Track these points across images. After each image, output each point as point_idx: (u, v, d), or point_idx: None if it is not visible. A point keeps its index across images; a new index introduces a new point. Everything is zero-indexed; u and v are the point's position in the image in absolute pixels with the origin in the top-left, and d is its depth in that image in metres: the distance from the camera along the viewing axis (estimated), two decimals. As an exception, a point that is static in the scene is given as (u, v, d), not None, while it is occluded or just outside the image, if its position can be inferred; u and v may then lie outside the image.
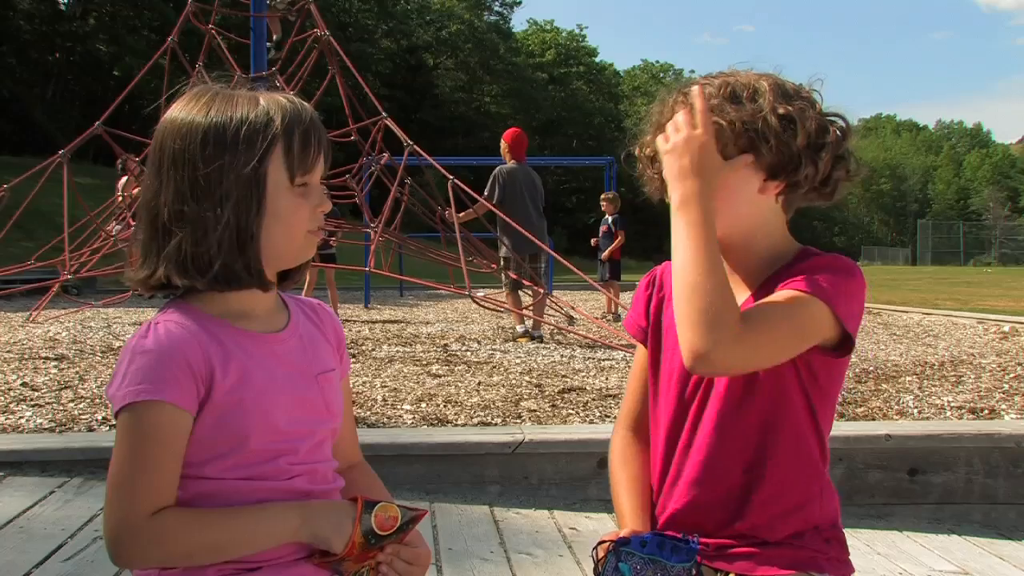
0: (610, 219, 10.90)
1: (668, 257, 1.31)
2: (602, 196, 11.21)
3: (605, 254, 10.81)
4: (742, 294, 1.30)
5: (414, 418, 3.85)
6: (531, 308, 7.55)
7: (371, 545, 1.15)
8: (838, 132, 1.28)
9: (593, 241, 11.24)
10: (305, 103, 1.18)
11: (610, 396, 4.41)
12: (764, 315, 1.19)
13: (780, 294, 1.22)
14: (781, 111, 1.24)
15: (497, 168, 7.67)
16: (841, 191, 1.31)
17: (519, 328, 7.32)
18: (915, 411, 4.12)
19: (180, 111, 1.15)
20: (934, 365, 5.81)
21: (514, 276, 7.48)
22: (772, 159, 1.25)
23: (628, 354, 5.89)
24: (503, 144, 7.82)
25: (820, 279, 1.22)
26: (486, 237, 9.74)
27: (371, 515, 1.16)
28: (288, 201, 1.15)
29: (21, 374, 4.94)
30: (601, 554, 1.23)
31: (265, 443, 1.15)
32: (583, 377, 5.12)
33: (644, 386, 1.44)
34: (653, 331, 1.41)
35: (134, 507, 1.06)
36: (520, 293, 7.66)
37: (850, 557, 1.34)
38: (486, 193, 7.59)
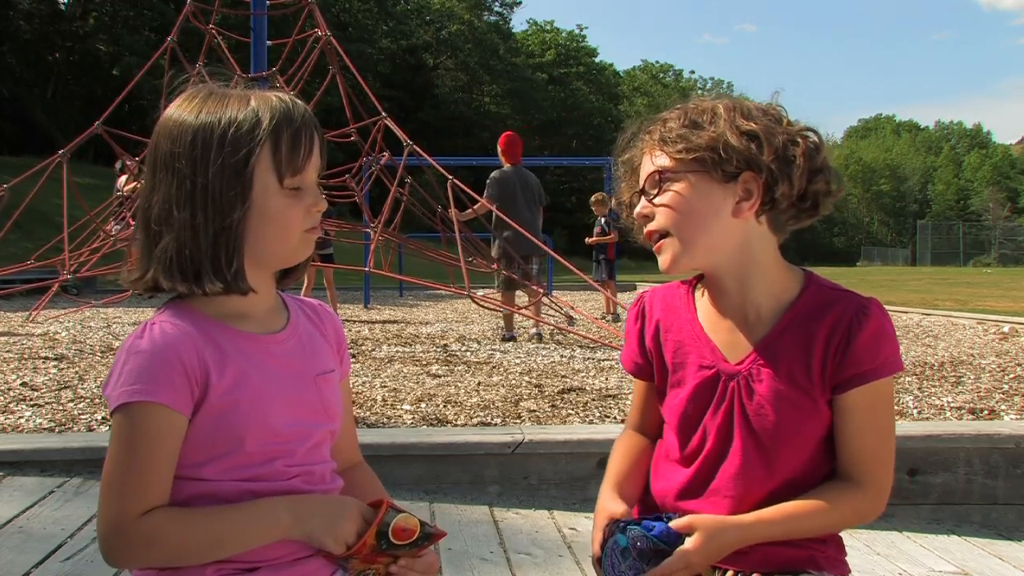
0: (602, 220, 10.91)
1: None
2: (592, 199, 11.19)
3: (591, 240, 10.95)
4: (754, 339, 1.29)
5: (414, 418, 3.85)
6: (526, 309, 7.59)
7: (381, 549, 1.15)
8: (810, 145, 1.25)
9: (589, 240, 11.21)
10: (299, 102, 1.17)
11: (610, 396, 4.41)
12: (877, 451, 1.29)
13: (863, 408, 1.26)
14: (744, 128, 1.23)
15: (493, 172, 7.76)
16: (825, 206, 1.28)
17: (506, 334, 7.34)
18: (915, 411, 4.12)
19: (174, 111, 1.15)
20: (934, 366, 5.81)
21: (507, 274, 7.53)
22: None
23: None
24: (499, 148, 7.93)
25: (885, 355, 1.24)
26: (486, 237, 9.75)
27: (391, 522, 1.15)
28: (279, 203, 1.14)
29: (21, 374, 4.94)
30: (606, 534, 1.25)
31: (261, 445, 1.14)
32: (583, 377, 5.12)
33: (646, 406, 1.44)
34: (657, 361, 1.38)
35: (125, 507, 1.07)
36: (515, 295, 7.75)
37: (850, 557, 1.35)
38: (484, 195, 7.69)
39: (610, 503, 1.32)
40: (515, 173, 7.64)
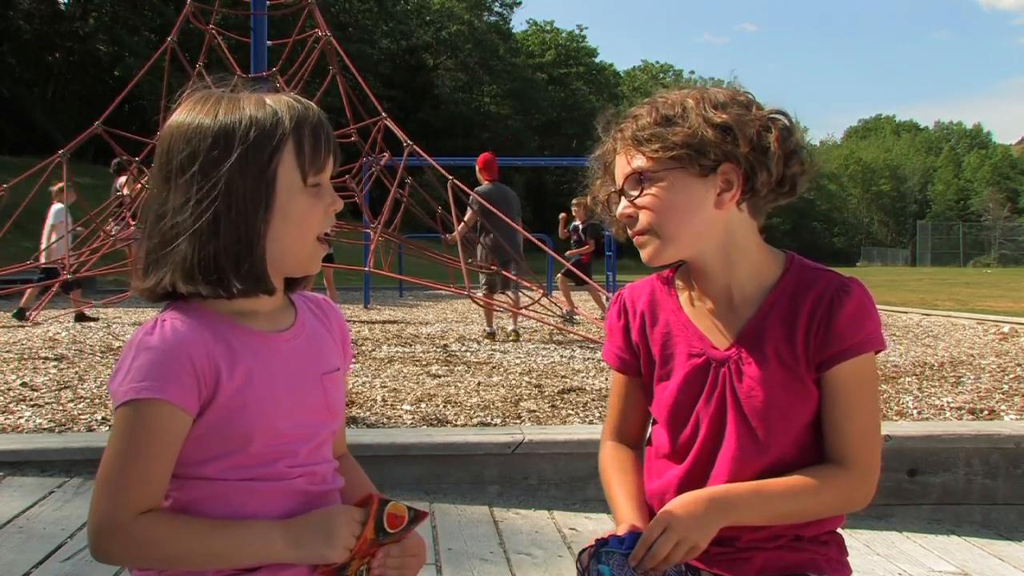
0: (580, 226, 10.19)
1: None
2: (574, 201, 10.06)
3: (569, 252, 10.15)
4: (740, 322, 1.29)
5: (414, 418, 3.85)
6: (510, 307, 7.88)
7: (378, 541, 1.16)
8: (782, 130, 1.25)
9: (568, 252, 10.32)
10: (310, 103, 1.17)
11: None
12: (863, 432, 1.26)
13: (849, 387, 1.25)
14: (717, 121, 1.23)
15: (475, 189, 8.22)
16: (801, 186, 1.30)
17: (487, 329, 7.61)
18: (915, 412, 4.12)
19: (186, 115, 1.13)
20: (934, 366, 5.81)
21: (506, 274, 7.88)
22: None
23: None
24: (477, 168, 8.34)
25: (868, 331, 1.25)
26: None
27: (384, 513, 1.16)
28: (301, 202, 1.13)
29: (21, 374, 4.94)
30: (586, 561, 1.21)
31: (266, 446, 1.14)
32: (583, 377, 5.12)
33: (628, 404, 1.43)
34: (645, 355, 1.38)
35: (120, 505, 1.06)
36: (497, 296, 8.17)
37: (850, 558, 1.34)
38: (468, 210, 8.14)
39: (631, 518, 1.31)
40: (495, 189, 8.14)
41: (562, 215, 10.98)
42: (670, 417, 1.34)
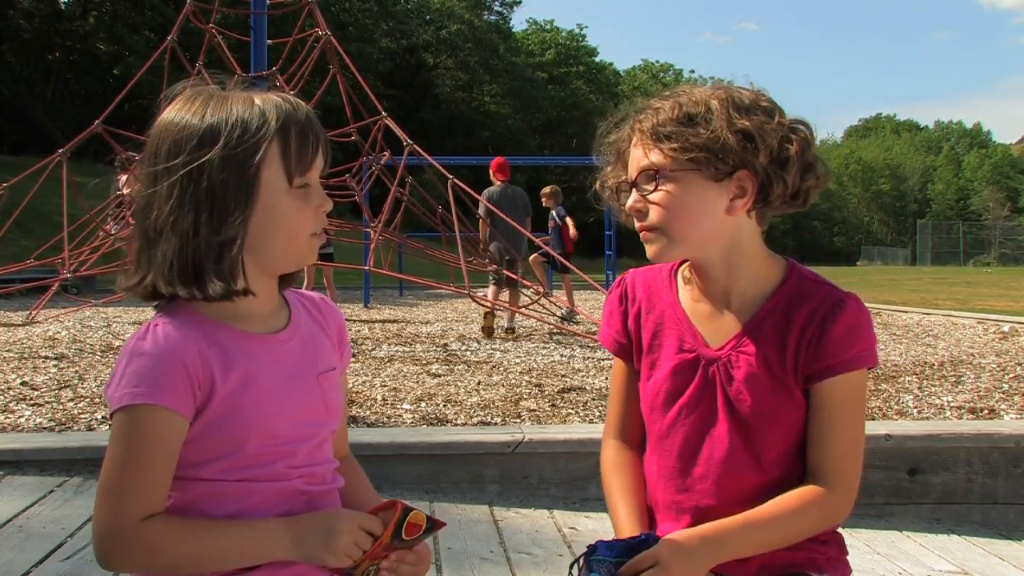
0: (554, 213, 10.08)
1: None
2: (544, 191, 10.16)
3: (565, 242, 9.91)
4: (735, 325, 1.30)
5: (414, 418, 3.85)
6: (508, 304, 8.08)
7: (392, 546, 1.16)
8: (802, 141, 1.24)
9: (572, 239, 10.16)
10: (301, 102, 1.16)
11: (610, 396, 4.41)
12: (847, 447, 1.27)
13: (836, 403, 1.25)
14: (739, 126, 1.21)
15: (485, 189, 8.63)
16: (813, 198, 1.29)
17: (505, 324, 7.87)
18: (915, 411, 4.12)
19: (175, 113, 1.13)
20: (934, 365, 5.81)
21: (509, 273, 8.13)
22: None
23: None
24: (491, 171, 8.84)
25: (859, 348, 1.25)
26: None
27: (404, 522, 1.15)
28: (288, 204, 1.13)
29: (20, 373, 4.94)
30: (577, 574, 1.21)
31: (263, 447, 1.14)
32: (583, 377, 5.12)
33: (628, 396, 1.42)
34: (636, 342, 1.38)
35: (124, 512, 1.06)
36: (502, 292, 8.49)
37: (850, 557, 1.34)
38: (479, 210, 8.49)
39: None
40: (502, 190, 8.58)
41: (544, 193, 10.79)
42: (652, 407, 1.35)
